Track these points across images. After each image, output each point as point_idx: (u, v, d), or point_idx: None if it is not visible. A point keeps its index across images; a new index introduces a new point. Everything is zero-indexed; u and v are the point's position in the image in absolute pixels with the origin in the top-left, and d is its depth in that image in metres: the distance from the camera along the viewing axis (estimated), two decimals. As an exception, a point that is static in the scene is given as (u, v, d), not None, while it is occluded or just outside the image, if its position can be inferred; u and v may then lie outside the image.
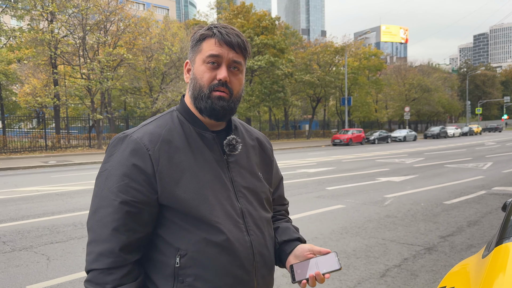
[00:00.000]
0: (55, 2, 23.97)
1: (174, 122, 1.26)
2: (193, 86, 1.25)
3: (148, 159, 1.17)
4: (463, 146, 27.69)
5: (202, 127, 1.27)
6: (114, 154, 1.20)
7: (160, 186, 1.16)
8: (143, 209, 1.16)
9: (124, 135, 1.22)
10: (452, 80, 73.73)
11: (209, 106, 1.22)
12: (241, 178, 1.30)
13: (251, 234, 1.25)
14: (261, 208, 1.32)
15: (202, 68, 1.22)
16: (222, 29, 1.23)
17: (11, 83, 27.65)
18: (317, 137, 44.99)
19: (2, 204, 8.19)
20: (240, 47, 1.24)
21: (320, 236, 5.64)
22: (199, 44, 1.25)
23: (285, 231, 1.42)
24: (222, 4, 45.06)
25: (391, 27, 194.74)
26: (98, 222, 1.15)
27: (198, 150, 1.24)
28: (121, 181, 1.15)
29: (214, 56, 1.21)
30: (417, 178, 11.44)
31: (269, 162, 1.46)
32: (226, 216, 1.21)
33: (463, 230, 5.89)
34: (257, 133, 1.48)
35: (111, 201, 1.15)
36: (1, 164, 17.02)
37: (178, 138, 1.23)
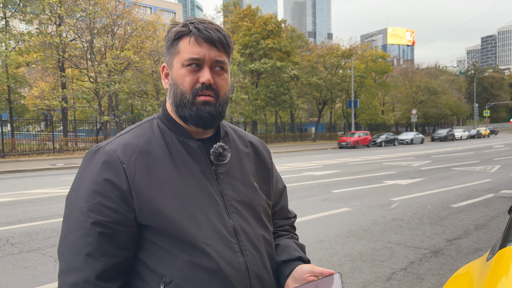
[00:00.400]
0: (63, 6, 24.22)
1: (153, 131, 1.13)
2: (174, 93, 1.12)
3: (122, 173, 1.03)
4: (471, 149, 27.50)
5: (186, 136, 1.14)
6: (85, 170, 1.06)
7: (137, 203, 1.02)
8: (119, 230, 1.02)
9: (97, 148, 1.09)
10: (460, 82, 73.38)
11: (194, 113, 1.09)
12: (233, 190, 1.15)
13: (246, 255, 1.10)
14: (257, 224, 1.17)
15: (182, 72, 1.09)
16: (199, 25, 1.09)
17: (20, 86, 27.93)
18: (323, 140, 44.90)
19: (11, 206, 8.28)
20: (222, 43, 1.10)
21: (325, 239, 5.64)
22: (175, 44, 1.11)
23: (285, 249, 1.25)
24: (229, 8, 45.24)
25: (397, 30, 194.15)
26: (69, 248, 1.01)
27: (181, 162, 1.10)
28: (92, 199, 1.01)
29: (194, 59, 1.08)
30: (424, 181, 11.39)
31: (267, 171, 1.30)
32: (215, 235, 1.06)
33: (470, 234, 5.86)
34: (251, 137, 1.34)
35: (81, 223, 1.00)
36: (10, 167, 17.19)
37: (158, 149, 1.10)
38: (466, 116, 78.99)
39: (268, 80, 35.95)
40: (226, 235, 1.08)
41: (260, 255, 1.14)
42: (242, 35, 34.71)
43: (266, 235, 1.19)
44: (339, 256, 4.89)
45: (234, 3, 47.95)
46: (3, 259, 4.89)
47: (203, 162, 1.12)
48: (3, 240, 5.73)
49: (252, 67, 33.51)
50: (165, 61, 1.17)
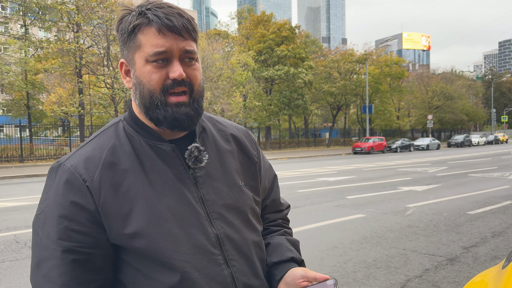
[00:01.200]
0: (81, 14, 24.70)
1: (119, 137, 1.01)
2: (141, 93, 0.97)
3: (86, 192, 0.92)
4: (488, 155, 27.05)
5: (157, 138, 1.01)
6: (49, 190, 0.96)
7: (106, 224, 0.93)
8: (93, 254, 0.93)
9: (58, 164, 0.97)
10: (477, 87, 72.36)
11: (169, 115, 0.96)
12: (216, 194, 1.04)
13: (231, 265, 1.00)
14: (246, 227, 1.07)
15: (148, 69, 0.95)
16: (158, 11, 0.94)
17: (38, 92, 28.51)
18: (337, 145, 44.67)
19: (29, 210, 8.43)
20: (188, 30, 0.96)
21: (340, 245, 5.61)
22: (133, 37, 0.96)
23: (276, 249, 1.14)
24: (243, 14, 45.48)
25: (413, 35, 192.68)
26: (44, 278, 0.91)
27: (153, 169, 0.98)
28: (59, 224, 0.91)
29: (161, 53, 0.93)
30: (440, 188, 11.24)
31: (253, 164, 1.16)
32: (195, 250, 0.96)
33: (487, 241, 5.76)
34: (234, 129, 1.18)
35: (52, 252, 0.91)
36: (28, 171, 17.52)
37: (125, 158, 0.98)
38: (483, 121, 77.83)
39: (282, 86, 35.99)
40: (208, 247, 0.98)
41: (248, 262, 1.04)
42: (257, 42, 34.84)
43: (255, 238, 1.09)
44: (353, 262, 4.86)
45: (249, 10, 48.20)
46: (21, 262, 4.99)
47: (179, 167, 1.00)
48: (21, 243, 5.84)
49: (266, 74, 33.59)
50: (122, 56, 1.01)
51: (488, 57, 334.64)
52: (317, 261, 4.94)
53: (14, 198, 10.23)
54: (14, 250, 5.50)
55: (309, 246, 5.57)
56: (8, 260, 5.05)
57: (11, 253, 5.37)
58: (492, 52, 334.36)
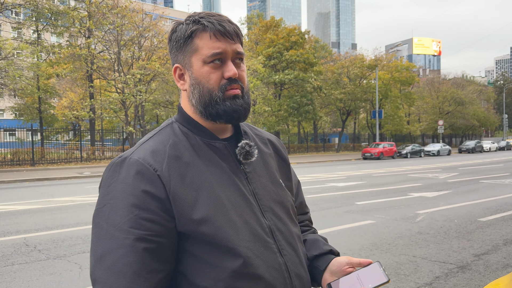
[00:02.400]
0: (92, 19, 24.99)
1: (177, 135, 1.08)
2: (200, 92, 1.07)
3: (158, 181, 0.97)
4: (500, 161, 26.71)
5: (211, 136, 1.10)
6: (113, 184, 0.99)
7: (176, 211, 0.97)
8: (162, 243, 0.96)
9: (122, 159, 1.02)
10: (488, 93, 71.56)
11: (228, 108, 1.05)
12: (264, 189, 1.12)
13: (284, 254, 1.07)
14: (290, 221, 1.14)
15: (206, 69, 1.05)
16: (211, 19, 1.05)
17: (50, 97, 28.88)
18: (347, 151, 44.46)
19: (39, 214, 8.51)
20: (238, 34, 1.08)
21: (349, 252, 5.56)
22: (190, 42, 1.06)
23: (314, 243, 1.23)
24: (253, 19, 45.63)
25: (423, 40, 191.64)
26: (109, 270, 0.91)
27: (212, 163, 1.06)
28: (129, 213, 0.94)
29: (218, 53, 1.04)
30: (450, 194, 11.11)
31: (286, 167, 1.27)
32: (254, 238, 1.02)
33: (499, 249, 5.67)
34: (268, 135, 1.30)
35: (122, 241, 0.92)
36: (39, 175, 17.70)
37: (186, 152, 1.05)
38: (495, 127, 76.89)
39: (291, 91, 35.97)
40: (264, 236, 1.05)
41: (296, 253, 1.11)
42: (266, 47, 34.90)
43: (298, 232, 1.18)
44: (362, 269, 4.81)
45: (258, 15, 48.36)
46: (31, 265, 5.02)
47: (232, 162, 1.09)
48: (31, 246, 5.89)
49: (276, 78, 33.62)
50: (176, 61, 1.11)
51: (499, 62, 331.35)
52: (326, 267, 4.89)
53: (25, 201, 10.33)
54: (24, 253, 5.55)
55: (317, 252, 5.52)
56: (17, 263, 5.09)
57: (21, 256, 5.41)
58: (504, 57, 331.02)
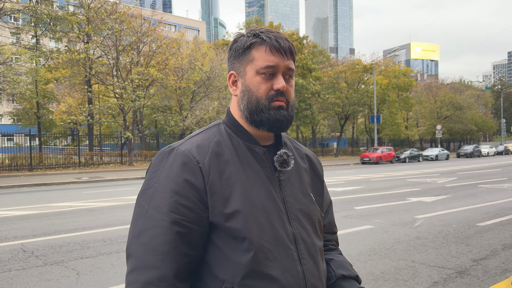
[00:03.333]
0: (91, 25, 25.02)
1: (222, 135, 1.17)
2: (248, 99, 1.14)
3: (199, 172, 1.06)
4: (498, 166, 26.74)
5: (252, 141, 1.17)
6: (159, 169, 1.09)
7: (210, 202, 1.06)
8: (194, 230, 1.04)
9: (170, 149, 1.12)
10: (486, 97, 71.79)
11: (272, 117, 1.12)
12: (294, 198, 1.17)
13: (303, 264, 1.11)
14: (314, 234, 1.19)
15: (257, 79, 1.13)
16: (270, 34, 1.14)
17: (48, 102, 28.85)
18: (345, 155, 44.49)
19: (37, 219, 8.47)
20: (292, 52, 1.16)
21: (347, 257, 5.53)
22: (248, 52, 1.15)
23: (342, 264, 1.27)
24: (251, 25, 45.79)
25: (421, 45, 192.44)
26: (144, 246, 1.02)
27: (249, 165, 1.13)
28: (170, 198, 1.04)
29: (270, 66, 1.12)
30: (449, 199, 11.11)
31: (320, 183, 1.32)
32: (277, 241, 1.08)
33: (497, 254, 5.67)
34: (306, 150, 1.36)
35: (159, 221, 1.02)
36: (37, 180, 17.64)
37: (228, 151, 1.13)
38: (493, 132, 77.03)
39: (290, 96, 36.03)
40: (287, 242, 1.10)
41: (316, 265, 1.15)
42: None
43: (320, 246, 1.21)
44: (361, 275, 4.80)
45: (257, 20, 48.57)
46: (28, 271, 4.99)
47: (268, 168, 1.15)
48: (28, 252, 5.86)
49: None
50: (232, 68, 1.19)
51: (497, 67, 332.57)
52: (324, 272, 4.88)
53: (22, 207, 10.30)
54: (21, 259, 5.52)
55: (316, 257, 5.51)
56: (15, 269, 5.06)
57: (18, 262, 5.38)
58: (501, 62, 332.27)
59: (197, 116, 27.10)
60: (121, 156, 27.40)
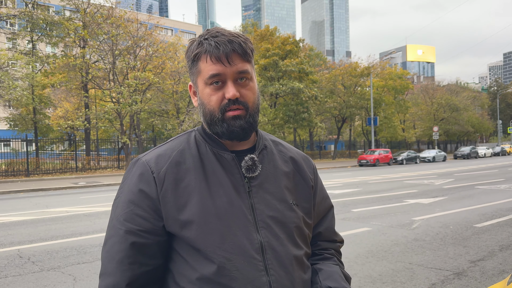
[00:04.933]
0: (87, 29, 25.01)
1: (189, 143, 1.15)
2: (203, 112, 1.12)
3: (152, 182, 1.07)
4: (495, 167, 26.81)
5: (220, 147, 1.14)
6: (125, 180, 1.13)
7: (164, 211, 1.05)
8: (149, 239, 1.05)
9: (136, 159, 1.14)
10: (482, 99, 72.09)
11: (225, 129, 1.08)
12: (266, 205, 1.11)
13: (271, 274, 1.05)
14: (290, 242, 1.11)
15: (207, 91, 1.09)
16: (212, 40, 1.06)
17: (45, 107, 28.77)
18: (342, 158, 44.52)
19: (33, 225, 8.43)
20: (243, 51, 1.07)
21: (345, 260, 5.53)
22: (196, 64, 1.10)
23: (331, 275, 1.17)
24: (247, 28, 45.87)
25: (417, 47, 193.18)
26: (107, 254, 1.07)
27: (213, 173, 1.10)
28: (127, 208, 1.07)
29: (215, 75, 1.06)
30: (446, 200, 11.13)
31: (307, 187, 1.24)
32: (238, 251, 1.04)
33: (494, 255, 5.67)
34: (294, 152, 1.28)
35: (117, 231, 1.06)
36: (34, 185, 17.57)
37: (191, 160, 1.11)
38: (489, 133, 77.33)
39: (287, 99, 36.04)
40: (251, 251, 1.05)
41: (288, 275, 1.08)
42: (261, 56, 34.99)
43: (298, 255, 1.13)
44: (359, 277, 4.80)
45: (253, 24, 48.64)
46: (24, 277, 4.97)
47: (236, 174, 1.11)
48: (25, 258, 5.83)
49: (272, 89, 33.67)
50: (191, 79, 1.17)
51: (493, 69, 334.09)
52: (322, 275, 4.87)
53: (19, 213, 10.25)
54: (18, 265, 5.49)
55: (313, 260, 5.51)
56: (11, 275, 5.03)
57: (14, 268, 5.35)
58: (497, 64, 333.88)
59: (194, 119, 27.08)
60: (118, 161, 27.32)
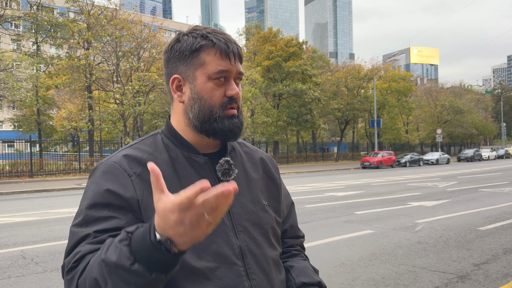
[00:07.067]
0: (91, 31, 25.11)
1: (157, 146, 1.09)
2: (200, 107, 1.06)
3: (129, 184, 0.98)
4: (499, 170, 26.71)
5: (192, 151, 1.09)
6: (88, 189, 1.02)
7: (145, 217, 0.97)
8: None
9: (100, 162, 1.05)
10: (486, 101, 71.93)
11: (226, 127, 1.06)
12: (241, 208, 1.09)
13: (252, 279, 1.04)
14: (267, 244, 1.11)
15: (210, 85, 1.05)
16: (219, 36, 1.06)
17: (49, 108, 28.88)
18: (345, 160, 44.43)
19: (37, 225, 8.46)
20: (240, 55, 1.10)
21: (348, 262, 5.53)
22: (196, 55, 1.05)
23: (303, 271, 1.20)
24: (251, 30, 45.91)
25: (421, 49, 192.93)
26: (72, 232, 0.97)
27: (186, 178, 1.04)
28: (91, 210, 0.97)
29: (223, 71, 1.05)
30: (450, 203, 11.09)
31: (276, 187, 1.24)
32: (219, 258, 1.01)
33: (498, 258, 5.65)
34: (261, 153, 1.28)
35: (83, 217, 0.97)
36: (37, 186, 17.63)
37: (163, 165, 1.04)
38: (493, 135, 77.01)
39: (290, 100, 36.04)
40: (232, 257, 1.02)
41: (267, 278, 1.08)
42: (264, 58, 35.02)
43: (275, 256, 1.13)
44: (362, 280, 4.78)
45: (256, 26, 48.67)
46: (27, 277, 4.98)
47: (210, 178, 1.04)
48: (28, 259, 5.84)
49: (275, 90, 33.67)
50: (175, 72, 1.09)
51: (496, 71, 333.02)
52: (325, 278, 4.86)
53: (22, 213, 10.28)
54: (21, 265, 5.50)
55: (317, 262, 5.49)
56: (14, 276, 5.05)
57: (17, 268, 5.37)
58: (501, 66, 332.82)
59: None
60: (121, 162, 27.32)
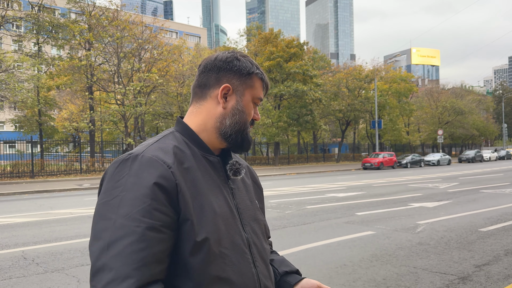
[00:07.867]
0: (92, 32, 25.14)
1: (180, 143, 1.16)
2: (240, 119, 1.21)
3: (170, 176, 1.04)
4: (500, 171, 26.67)
5: (207, 150, 1.20)
6: (124, 177, 1.04)
7: (182, 206, 1.05)
8: (168, 234, 1.01)
9: (134, 155, 1.07)
10: (487, 102, 71.81)
11: (249, 140, 1.24)
12: (245, 206, 1.24)
13: (257, 266, 1.18)
14: (263, 238, 1.28)
15: (251, 105, 1.24)
16: (263, 72, 1.28)
17: (50, 108, 28.92)
18: (346, 161, 44.41)
19: (38, 226, 8.46)
20: None
21: (349, 263, 5.52)
22: (251, 77, 1.23)
23: (283, 262, 1.39)
24: (252, 31, 45.91)
25: (422, 50, 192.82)
26: (117, 257, 0.94)
27: (206, 173, 1.15)
28: (142, 203, 0.99)
29: (261, 99, 1.26)
30: (451, 204, 11.08)
31: (260, 191, 1.41)
32: (234, 246, 1.13)
33: (500, 259, 5.63)
34: (243, 161, 1.38)
35: (132, 229, 0.96)
36: (38, 187, 17.65)
37: (187, 159, 1.13)
38: (494, 136, 76.93)
39: (291, 101, 36.03)
40: (243, 247, 1.15)
41: (266, 267, 1.24)
42: (265, 59, 35.00)
43: (268, 249, 1.31)
44: (363, 281, 4.78)
45: (257, 27, 48.68)
46: (28, 278, 4.98)
47: (221, 177, 1.20)
48: (29, 259, 5.85)
49: (276, 91, 33.67)
50: (227, 81, 1.21)
51: (498, 72, 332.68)
52: (326, 279, 4.86)
53: (23, 214, 10.29)
54: (22, 266, 5.51)
55: (317, 264, 5.49)
56: (15, 277, 5.05)
57: (18, 269, 5.37)
58: (502, 67, 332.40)
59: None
60: (122, 163, 27.34)
